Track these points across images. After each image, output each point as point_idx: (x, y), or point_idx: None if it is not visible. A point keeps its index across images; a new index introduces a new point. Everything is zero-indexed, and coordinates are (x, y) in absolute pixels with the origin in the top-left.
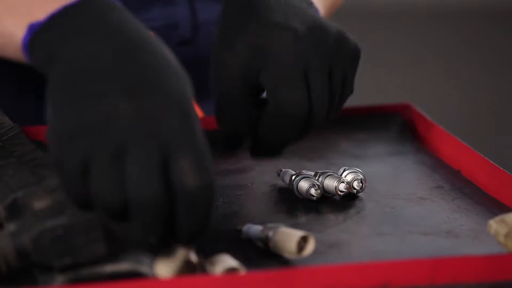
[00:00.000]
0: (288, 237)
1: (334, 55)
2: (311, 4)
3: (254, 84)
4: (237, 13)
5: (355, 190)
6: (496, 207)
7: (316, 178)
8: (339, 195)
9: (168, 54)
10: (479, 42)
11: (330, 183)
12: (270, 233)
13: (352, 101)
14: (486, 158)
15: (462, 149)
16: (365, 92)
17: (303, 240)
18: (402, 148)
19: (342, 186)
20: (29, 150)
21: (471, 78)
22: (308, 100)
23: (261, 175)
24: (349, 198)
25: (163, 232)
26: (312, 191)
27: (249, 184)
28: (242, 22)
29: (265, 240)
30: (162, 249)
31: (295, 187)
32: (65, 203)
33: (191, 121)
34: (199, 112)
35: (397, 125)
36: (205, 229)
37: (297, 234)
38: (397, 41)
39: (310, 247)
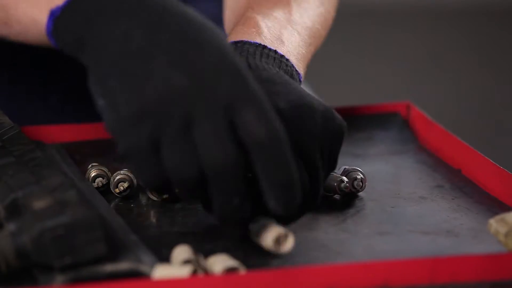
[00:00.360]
0: (266, 231)
1: (322, 135)
2: (292, 74)
3: None
4: None
5: (355, 190)
6: (496, 206)
7: None
8: (339, 194)
9: (196, 14)
10: (479, 41)
11: (330, 182)
12: (255, 226)
13: (352, 101)
14: (486, 157)
15: (462, 148)
16: (365, 92)
17: (285, 236)
18: (402, 147)
19: (342, 186)
20: (29, 150)
21: (471, 78)
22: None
23: None
24: (349, 198)
25: (245, 191)
26: None
27: None
28: None
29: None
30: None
31: None
32: (65, 202)
33: (243, 74)
34: None
35: (397, 125)
36: (290, 177)
37: (276, 230)
38: (397, 40)
39: (288, 244)
